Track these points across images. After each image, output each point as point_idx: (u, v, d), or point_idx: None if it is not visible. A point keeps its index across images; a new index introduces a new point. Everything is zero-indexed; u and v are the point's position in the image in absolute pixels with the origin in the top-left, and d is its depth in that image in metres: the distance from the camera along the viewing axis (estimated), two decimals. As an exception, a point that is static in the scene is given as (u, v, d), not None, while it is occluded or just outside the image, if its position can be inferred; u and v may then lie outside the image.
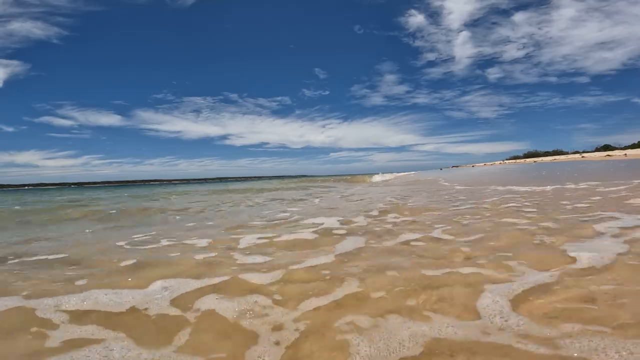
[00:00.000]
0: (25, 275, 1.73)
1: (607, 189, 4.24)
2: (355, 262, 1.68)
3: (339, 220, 3.06)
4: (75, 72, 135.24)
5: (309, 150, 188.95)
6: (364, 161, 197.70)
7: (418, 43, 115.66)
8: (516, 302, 1.09)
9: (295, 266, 1.64)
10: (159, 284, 1.45)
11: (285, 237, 2.41)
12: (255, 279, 1.47)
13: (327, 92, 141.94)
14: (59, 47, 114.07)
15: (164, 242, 2.51)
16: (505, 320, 0.98)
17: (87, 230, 3.59)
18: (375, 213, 3.43)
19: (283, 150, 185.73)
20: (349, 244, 2.10)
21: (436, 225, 2.56)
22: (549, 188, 4.97)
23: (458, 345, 0.87)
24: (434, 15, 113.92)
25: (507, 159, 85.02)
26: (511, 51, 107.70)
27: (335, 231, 2.57)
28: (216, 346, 0.96)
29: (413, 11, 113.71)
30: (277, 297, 1.27)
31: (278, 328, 1.03)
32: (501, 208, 3.27)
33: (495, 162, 75.17)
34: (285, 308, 1.17)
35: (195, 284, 1.43)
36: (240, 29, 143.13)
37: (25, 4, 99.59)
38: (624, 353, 0.78)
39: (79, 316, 1.18)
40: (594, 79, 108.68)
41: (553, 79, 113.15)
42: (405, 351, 0.87)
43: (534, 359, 0.80)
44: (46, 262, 2.04)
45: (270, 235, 2.53)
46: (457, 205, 3.70)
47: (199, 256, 1.96)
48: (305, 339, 0.96)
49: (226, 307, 1.19)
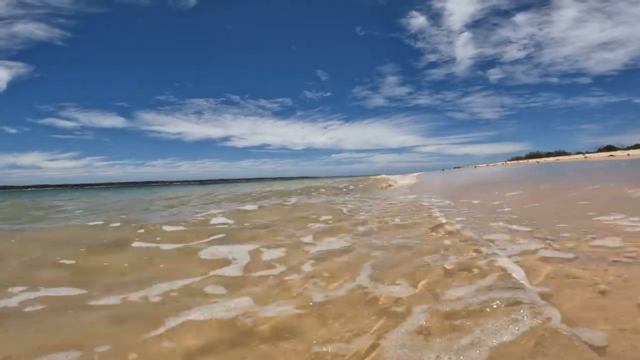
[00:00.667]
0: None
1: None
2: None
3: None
4: (78, 74, 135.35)
5: (311, 152, 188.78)
6: (365, 162, 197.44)
7: (419, 44, 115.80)
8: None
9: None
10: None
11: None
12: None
13: (329, 94, 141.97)
14: (62, 49, 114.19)
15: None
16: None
17: None
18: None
19: (284, 152, 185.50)
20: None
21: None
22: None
23: None
24: (435, 17, 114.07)
25: (509, 160, 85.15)
26: (512, 52, 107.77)
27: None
28: None
29: (414, 12, 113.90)
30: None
31: None
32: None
33: (498, 163, 75.32)
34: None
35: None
36: (242, 31, 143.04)
37: (28, 6, 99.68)
38: None
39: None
40: (595, 80, 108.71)
41: (554, 80, 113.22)
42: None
43: None
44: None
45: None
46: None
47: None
48: None
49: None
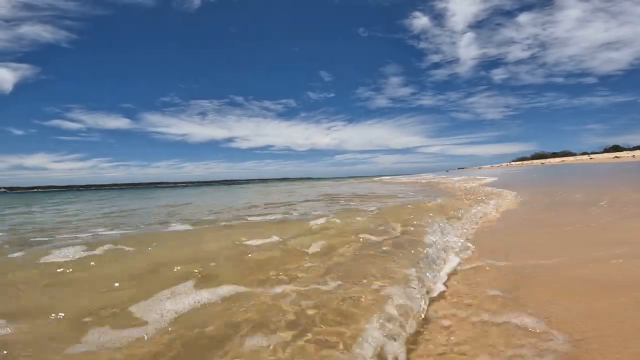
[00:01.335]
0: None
1: None
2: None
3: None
4: (84, 76, 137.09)
5: (314, 153, 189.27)
6: (369, 163, 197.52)
7: (422, 45, 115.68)
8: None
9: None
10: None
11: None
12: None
13: (332, 95, 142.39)
14: (68, 51, 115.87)
15: None
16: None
17: None
18: None
19: (288, 153, 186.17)
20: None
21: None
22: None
23: None
24: (438, 17, 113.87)
25: (514, 161, 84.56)
26: (516, 52, 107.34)
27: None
28: None
29: (417, 13, 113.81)
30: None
31: None
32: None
33: (502, 164, 74.81)
34: None
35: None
36: (246, 33, 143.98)
37: (35, 8, 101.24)
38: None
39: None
40: (601, 80, 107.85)
41: (559, 80, 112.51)
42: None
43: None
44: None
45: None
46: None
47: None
48: None
49: None
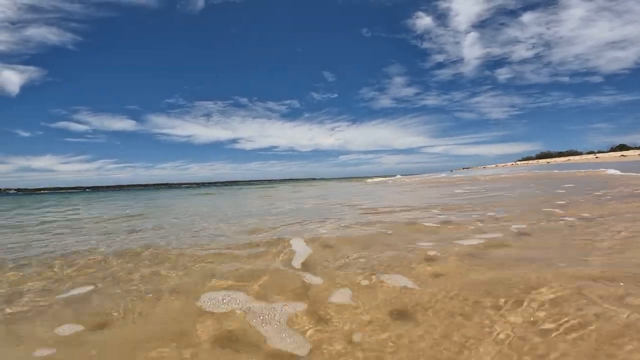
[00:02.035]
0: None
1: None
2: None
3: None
4: (90, 78, 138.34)
5: (318, 154, 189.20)
6: (373, 164, 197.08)
7: (426, 45, 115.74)
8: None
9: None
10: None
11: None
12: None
13: (336, 95, 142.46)
14: (74, 53, 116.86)
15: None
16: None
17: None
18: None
19: (292, 154, 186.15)
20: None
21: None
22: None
23: None
24: (442, 17, 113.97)
25: (519, 160, 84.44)
26: (520, 51, 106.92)
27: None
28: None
29: (420, 13, 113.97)
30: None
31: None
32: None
33: (507, 164, 74.84)
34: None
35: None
36: (249, 34, 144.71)
37: (40, 10, 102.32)
38: None
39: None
40: (607, 78, 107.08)
41: (565, 79, 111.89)
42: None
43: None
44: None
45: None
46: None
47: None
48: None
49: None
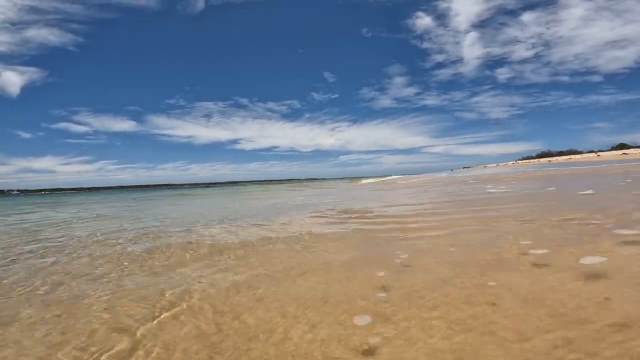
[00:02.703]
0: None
1: None
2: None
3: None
4: (91, 79, 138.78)
5: (319, 154, 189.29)
6: (374, 164, 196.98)
7: (426, 45, 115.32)
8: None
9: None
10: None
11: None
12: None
13: (336, 95, 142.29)
14: (74, 54, 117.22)
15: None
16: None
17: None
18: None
19: (292, 154, 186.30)
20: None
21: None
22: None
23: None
24: (441, 17, 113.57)
25: (519, 159, 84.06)
26: (520, 51, 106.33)
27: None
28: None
29: (420, 13, 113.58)
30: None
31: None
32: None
33: (508, 163, 74.44)
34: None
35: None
36: (250, 34, 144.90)
37: (41, 11, 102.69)
38: None
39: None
40: (607, 78, 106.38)
41: (565, 79, 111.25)
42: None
43: None
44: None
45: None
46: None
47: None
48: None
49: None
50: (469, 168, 69.27)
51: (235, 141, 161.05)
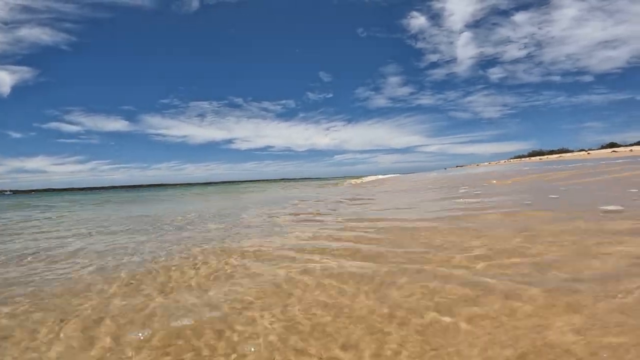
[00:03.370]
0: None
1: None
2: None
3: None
4: (84, 78, 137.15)
5: (314, 153, 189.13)
6: (369, 163, 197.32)
7: (420, 45, 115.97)
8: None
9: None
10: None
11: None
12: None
13: (331, 95, 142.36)
14: (67, 53, 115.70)
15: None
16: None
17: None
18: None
19: (288, 154, 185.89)
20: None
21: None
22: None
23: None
24: (436, 17, 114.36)
25: (512, 158, 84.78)
26: (512, 51, 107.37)
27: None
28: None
29: (415, 13, 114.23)
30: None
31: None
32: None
33: (501, 161, 75.01)
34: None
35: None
36: (245, 34, 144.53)
37: (33, 11, 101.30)
38: None
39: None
40: (598, 78, 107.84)
41: (557, 78, 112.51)
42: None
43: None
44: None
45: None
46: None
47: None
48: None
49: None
50: (462, 167, 69.62)
51: (230, 141, 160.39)
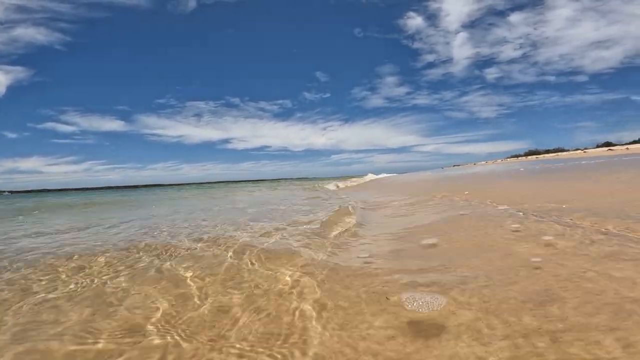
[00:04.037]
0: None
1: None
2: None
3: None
4: (79, 78, 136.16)
5: (311, 153, 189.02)
6: (365, 163, 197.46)
7: (417, 45, 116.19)
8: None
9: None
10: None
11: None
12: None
13: (328, 95, 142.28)
14: (62, 53, 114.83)
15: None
16: None
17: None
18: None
19: (284, 154, 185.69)
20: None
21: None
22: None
23: None
24: (432, 18, 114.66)
25: (508, 157, 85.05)
26: (508, 51, 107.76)
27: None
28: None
29: (411, 13, 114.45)
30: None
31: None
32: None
33: (497, 160, 75.16)
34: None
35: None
36: (241, 34, 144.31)
37: (28, 10, 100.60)
38: None
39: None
40: (592, 78, 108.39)
41: (551, 78, 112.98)
42: None
43: None
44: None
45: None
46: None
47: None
48: None
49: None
50: (458, 166, 69.71)
51: (226, 141, 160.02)
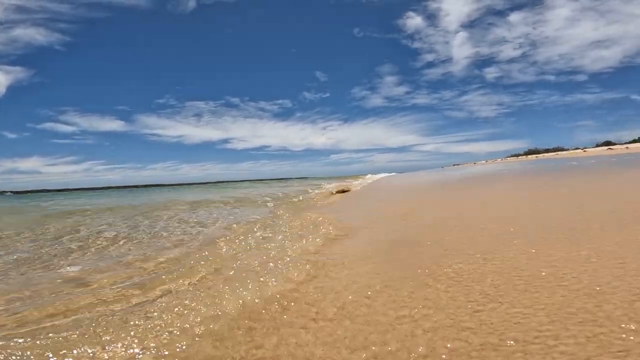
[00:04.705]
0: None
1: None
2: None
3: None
4: (79, 78, 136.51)
5: (310, 153, 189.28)
6: (365, 162, 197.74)
7: (416, 45, 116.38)
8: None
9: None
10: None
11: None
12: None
13: (328, 95, 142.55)
14: (62, 53, 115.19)
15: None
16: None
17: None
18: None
19: (284, 153, 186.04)
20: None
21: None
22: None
23: None
24: (432, 17, 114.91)
25: (508, 157, 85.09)
26: (507, 51, 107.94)
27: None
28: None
29: (411, 13, 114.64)
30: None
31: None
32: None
33: (497, 160, 75.20)
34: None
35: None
36: (242, 34, 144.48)
37: (28, 10, 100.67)
38: None
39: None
40: (591, 77, 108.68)
41: (551, 78, 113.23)
42: None
43: None
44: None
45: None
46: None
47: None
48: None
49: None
50: (458, 165, 69.77)
51: (226, 140, 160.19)
